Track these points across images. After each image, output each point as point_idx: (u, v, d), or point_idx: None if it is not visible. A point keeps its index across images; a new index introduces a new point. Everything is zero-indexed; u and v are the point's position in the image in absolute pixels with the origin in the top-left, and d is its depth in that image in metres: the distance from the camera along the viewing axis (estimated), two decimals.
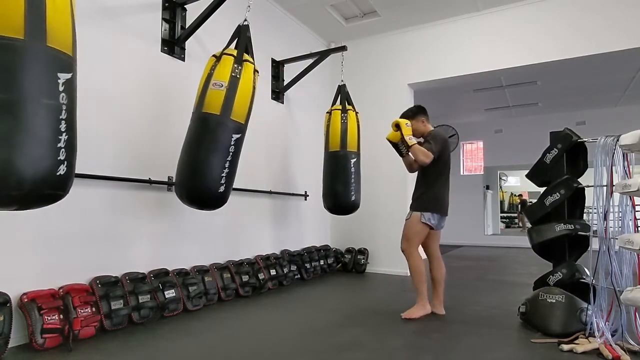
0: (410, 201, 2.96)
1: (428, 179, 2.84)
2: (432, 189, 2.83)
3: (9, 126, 1.39)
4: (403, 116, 2.99)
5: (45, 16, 1.46)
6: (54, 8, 1.49)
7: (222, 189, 2.52)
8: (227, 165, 2.50)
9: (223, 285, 3.20)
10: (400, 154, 3.01)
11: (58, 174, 1.51)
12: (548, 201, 2.56)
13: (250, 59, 2.59)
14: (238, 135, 2.53)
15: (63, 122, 1.51)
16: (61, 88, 1.51)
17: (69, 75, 1.54)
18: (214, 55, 2.61)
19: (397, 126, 2.83)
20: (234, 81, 2.46)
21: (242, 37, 2.59)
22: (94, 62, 2.55)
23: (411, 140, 2.77)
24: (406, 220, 2.89)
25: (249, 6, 2.63)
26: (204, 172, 2.46)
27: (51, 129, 1.48)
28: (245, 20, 2.63)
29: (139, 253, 2.77)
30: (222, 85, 2.45)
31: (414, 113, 2.96)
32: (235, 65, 2.49)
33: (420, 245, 2.91)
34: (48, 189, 1.52)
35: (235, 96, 2.46)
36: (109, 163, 2.59)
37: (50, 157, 1.48)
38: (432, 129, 2.97)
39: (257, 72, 2.64)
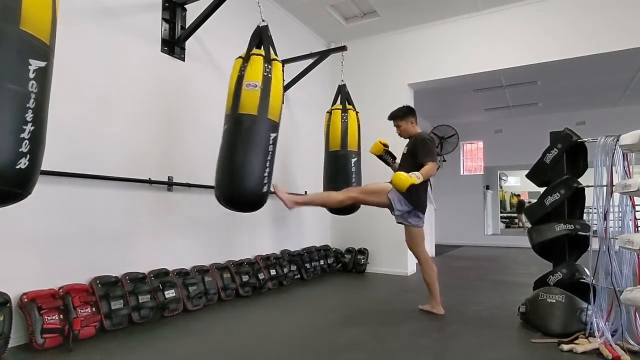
0: None
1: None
2: (418, 189, 2.80)
3: None
4: (392, 116, 3.06)
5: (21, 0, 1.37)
6: None
7: (265, 189, 2.56)
8: (267, 164, 2.52)
9: (223, 285, 3.20)
10: (387, 164, 3.17)
11: (17, 167, 1.35)
12: (548, 201, 2.56)
13: (277, 58, 2.61)
14: (275, 134, 2.57)
15: (30, 111, 1.38)
16: (32, 75, 1.40)
17: (42, 64, 1.44)
18: (240, 57, 2.61)
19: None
20: (266, 80, 2.49)
21: (265, 37, 2.62)
22: (93, 62, 2.55)
23: (419, 178, 2.67)
24: (412, 226, 2.91)
25: (260, 6, 2.62)
26: (248, 173, 2.47)
27: (13, 117, 1.34)
28: (263, 20, 2.64)
29: (139, 253, 2.77)
30: (256, 86, 2.46)
31: (404, 114, 3.02)
32: (266, 65, 2.51)
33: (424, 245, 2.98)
34: (2, 184, 1.34)
35: (269, 95, 2.48)
36: (109, 163, 2.59)
37: (8, 148, 1.32)
38: (419, 131, 3.03)
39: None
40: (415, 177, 2.64)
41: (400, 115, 3.02)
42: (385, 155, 3.26)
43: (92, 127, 2.52)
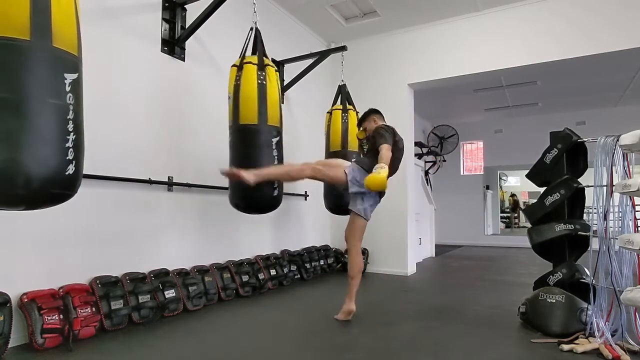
0: (412, 202, 2.96)
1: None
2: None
3: (16, 126, 1.39)
4: (358, 124, 3.14)
5: (50, 17, 1.46)
6: (59, 8, 1.50)
7: (275, 192, 2.74)
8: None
9: (223, 285, 3.20)
10: (364, 153, 3.14)
11: (67, 173, 1.52)
12: (548, 201, 2.56)
13: (270, 62, 2.68)
14: (277, 138, 2.71)
15: (70, 122, 1.52)
16: (68, 88, 1.52)
17: (75, 76, 1.55)
18: (234, 65, 2.67)
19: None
20: (261, 88, 2.58)
21: (258, 42, 2.68)
22: (93, 62, 2.55)
23: (383, 169, 2.52)
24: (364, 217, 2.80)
25: (255, 10, 2.64)
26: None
27: (59, 129, 1.48)
28: (255, 23, 2.65)
29: (139, 253, 2.77)
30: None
31: (366, 115, 3.05)
32: (259, 72, 2.58)
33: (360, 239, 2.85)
34: (56, 188, 1.52)
35: (266, 103, 2.59)
36: (109, 163, 2.59)
37: (58, 157, 1.48)
38: (381, 124, 2.91)
39: (277, 70, 2.77)
40: (380, 170, 2.48)
41: (362, 119, 3.07)
42: (365, 143, 3.17)
43: (92, 127, 2.49)
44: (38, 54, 1.44)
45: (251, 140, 2.65)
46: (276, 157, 2.70)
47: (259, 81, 2.58)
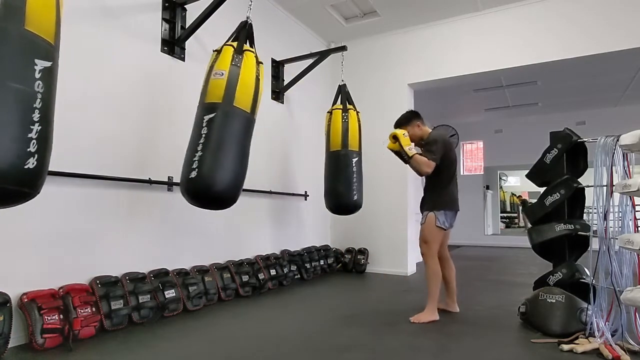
0: (413, 202, 2.95)
1: (437, 179, 2.81)
2: (441, 187, 2.82)
3: None
4: (397, 124, 2.96)
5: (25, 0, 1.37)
6: None
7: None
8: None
9: (223, 285, 3.20)
10: (405, 161, 2.91)
11: (26, 167, 1.35)
12: (548, 201, 2.56)
13: (252, 50, 2.56)
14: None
15: (37, 111, 1.38)
16: (37, 75, 1.40)
17: (48, 64, 1.44)
18: (215, 50, 2.59)
19: (394, 137, 2.79)
20: (234, 70, 2.40)
21: (241, 31, 2.58)
22: (93, 62, 2.55)
23: (411, 150, 2.73)
24: (421, 224, 2.86)
25: (250, 6, 2.63)
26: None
27: (21, 117, 1.34)
28: (248, 18, 2.63)
29: (139, 253, 2.77)
30: (222, 74, 2.39)
31: (408, 119, 2.93)
32: (236, 55, 2.44)
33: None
34: (12, 184, 1.34)
35: (236, 84, 2.38)
36: (109, 163, 2.59)
37: (16, 148, 1.32)
38: (430, 130, 2.95)
39: (262, 63, 2.61)
40: (407, 139, 2.74)
41: (404, 121, 2.93)
42: (403, 154, 2.91)
43: (92, 127, 2.52)
44: (5, 34, 1.33)
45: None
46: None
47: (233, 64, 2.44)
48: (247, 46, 2.55)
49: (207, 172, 2.23)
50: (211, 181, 2.25)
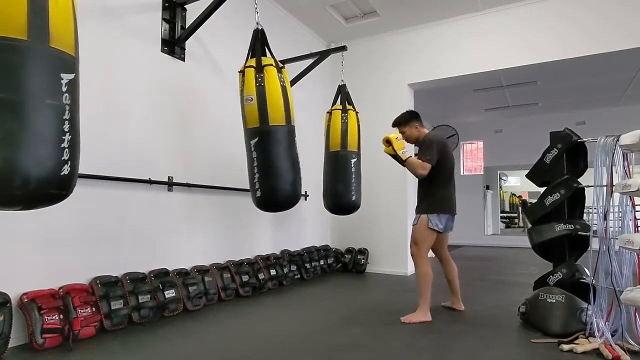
0: (412, 202, 2.95)
1: (431, 182, 2.79)
2: (435, 190, 2.80)
3: (14, 126, 1.40)
4: (395, 123, 2.97)
5: (48, 17, 1.46)
6: (56, 8, 1.49)
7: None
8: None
9: (223, 285, 3.20)
10: (402, 164, 2.93)
11: (62, 173, 1.51)
12: (548, 201, 2.56)
13: (270, 60, 2.65)
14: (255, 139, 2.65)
15: (66, 122, 1.52)
16: (64, 89, 1.51)
17: (71, 76, 1.55)
18: (239, 72, 2.68)
19: (387, 142, 2.79)
20: (260, 91, 2.56)
21: (256, 42, 2.66)
22: (93, 62, 2.55)
23: (404, 154, 2.74)
24: (413, 225, 2.85)
25: (256, 9, 2.63)
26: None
27: (55, 129, 1.49)
28: (258, 24, 2.65)
29: (139, 253, 2.77)
30: (252, 99, 2.55)
31: (407, 119, 2.92)
32: (257, 75, 2.56)
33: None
34: (52, 188, 1.52)
35: (266, 104, 2.56)
36: (109, 163, 2.59)
37: (54, 157, 1.48)
38: (427, 132, 2.93)
39: (283, 67, 2.73)
40: (400, 143, 2.75)
41: (403, 121, 2.93)
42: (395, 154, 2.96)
43: (92, 127, 2.51)
44: (36, 54, 1.44)
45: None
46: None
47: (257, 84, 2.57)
48: (265, 59, 2.63)
49: (266, 191, 2.66)
50: (272, 197, 2.69)
